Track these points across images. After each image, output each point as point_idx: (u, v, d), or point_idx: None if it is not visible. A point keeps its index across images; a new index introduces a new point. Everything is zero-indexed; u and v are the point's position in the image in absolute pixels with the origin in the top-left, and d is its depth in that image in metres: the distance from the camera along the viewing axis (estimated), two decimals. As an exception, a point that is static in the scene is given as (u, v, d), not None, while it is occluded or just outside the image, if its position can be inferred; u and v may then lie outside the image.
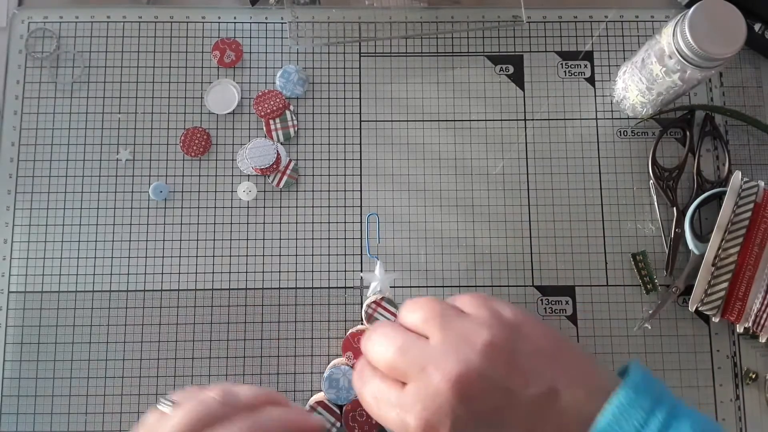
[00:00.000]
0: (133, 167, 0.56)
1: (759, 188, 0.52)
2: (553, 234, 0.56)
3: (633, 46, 0.59)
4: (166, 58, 0.58)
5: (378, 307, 0.51)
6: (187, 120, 0.57)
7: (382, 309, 0.51)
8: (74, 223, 0.55)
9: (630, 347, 0.54)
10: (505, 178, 0.57)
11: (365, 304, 0.51)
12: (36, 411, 0.52)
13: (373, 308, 0.51)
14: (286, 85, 0.57)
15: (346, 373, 0.50)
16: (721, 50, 0.45)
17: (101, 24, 0.58)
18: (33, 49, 0.58)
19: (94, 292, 0.54)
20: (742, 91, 0.58)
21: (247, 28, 0.59)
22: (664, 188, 0.56)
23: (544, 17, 0.59)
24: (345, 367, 0.50)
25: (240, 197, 0.56)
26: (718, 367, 0.54)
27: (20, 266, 0.54)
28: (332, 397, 0.50)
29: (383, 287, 0.52)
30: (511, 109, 0.58)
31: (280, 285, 0.55)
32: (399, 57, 0.58)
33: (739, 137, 0.57)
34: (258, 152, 0.55)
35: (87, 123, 0.57)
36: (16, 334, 0.53)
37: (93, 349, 0.53)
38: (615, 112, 0.58)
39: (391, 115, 0.57)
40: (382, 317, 0.51)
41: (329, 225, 0.56)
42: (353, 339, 0.50)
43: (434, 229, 0.56)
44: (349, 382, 0.50)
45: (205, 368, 0.53)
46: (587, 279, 0.55)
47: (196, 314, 0.54)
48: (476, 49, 0.59)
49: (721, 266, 0.51)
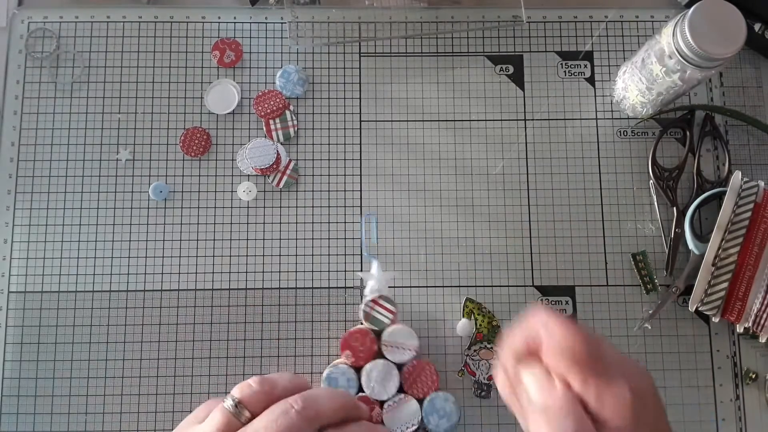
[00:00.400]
0: (133, 167, 0.56)
1: (759, 188, 0.52)
2: (553, 234, 0.56)
3: (633, 46, 0.59)
4: (166, 58, 0.58)
5: (376, 305, 0.51)
6: (187, 120, 0.57)
7: (380, 307, 0.51)
8: (74, 223, 0.55)
9: (630, 347, 0.54)
10: (505, 178, 0.57)
11: (363, 303, 0.51)
12: (36, 411, 0.52)
13: (371, 306, 0.51)
14: (286, 85, 0.57)
15: (345, 372, 0.50)
16: (721, 50, 0.45)
17: (101, 24, 0.58)
18: (33, 49, 0.58)
19: (94, 292, 0.54)
20: (742, 91, 0.58)
21: (247, 28, 0.59)
22: (664, 188, 0.55)
23: (544, 17, 0.59)
24: (344, 366, 0.50)
25: (240, 197, 0.56)
26: (718, 367, 0.54)
27: (20, 266, 0.54)
28: None
29: (381, 286, 0.52)
30: (511, 109, 0.58)
31: (280, 285, 0.55)
32: (399, 57, 0.58)
33: (739, 137, 0.57)
34: (258, 152, 0.55)
35: (87, 123, 0.57)
36: (16, 334, 0.53)
37: (93, 349, 0.53)
38: (615, 112, 0.58)
39: (391, 115, 0.57)
40: (380, 315, 0.51)
41: (329, 225, 0.56)
42: (351, 338, 0.50)
43: (434, 229, 0.56)
44: (347, 381, 0.50)
45: (205, 368, 0.53)
46: (587, 279, 0.55)
47: (196, 314, 0.54)
48: (476, 49, 0.59)
49: (721, 266, 0.51)
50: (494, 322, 0.54)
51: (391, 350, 0.50)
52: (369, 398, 0.50)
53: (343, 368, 0.50)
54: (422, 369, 0.51)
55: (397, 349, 0.50)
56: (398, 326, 0.51)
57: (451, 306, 0.54)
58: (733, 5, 0.45)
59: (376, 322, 0.51)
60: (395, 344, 0.50)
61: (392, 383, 0.50)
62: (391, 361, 0.50)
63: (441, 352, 0.54)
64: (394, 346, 0.50)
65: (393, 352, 0.50)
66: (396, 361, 0.50)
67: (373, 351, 0.50)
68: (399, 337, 0.50)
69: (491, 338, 0.53)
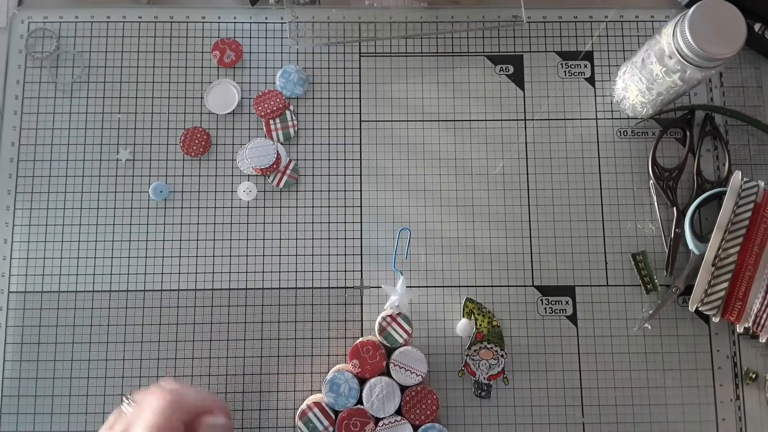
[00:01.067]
0: (133, 167, 0.56)
1: (759, 188, 0.52)
2: (553, 234, 0.56)
3: (633, 46, 0.59)
4: (166, 58, 0.58)
5: (393, 322, 0.50)
6: (187, 120, 0.57)
7: (397, 324, 0.50)
8: (74, 223, 0.55)
9: (630, 347, 0.54)
10: (505, 178, 0.57)
11: (380, 316, 0.51)
12: (36, 411, 0.52)
13: (387, 321, 0.50)
14: (286, 85, 0.57)
15: (348, 380, 0.50)
16: (721, 50, 0.45)
17: (101, 24, 0.58)
18: (33, 49, 0.58)
19: (94, 292, 0.54)
20: (742, 91, 0.58)
21: (247, 28, 0.59)
22: (664, 188, 0.55)
23: (544, 17, 0.59)
24: (348, 374, 0.50)
25: (240, 197, 0.56)
26: (718, 367, 0.54)
27: (20, 266, 0.54)
28: (330, 401, 0.50)
29: (401, 303, 0.51)
30: (511, 109, 0.58)
31: (280, 285, 0.55)
32: (399, 57, 0.58)
33: (739, 137, 0.57)
34: (258, 152, 0.55)
35: (87, 123, 0.57)
36: (16, 334, 0.53)
37: (93, 349, 0.53)
38: (615, 112, 0.58)
39: (391, 115, 0.57)
40: (395, 333, 0.50)
41: (329, 225, 0.56)
42: (362, 347, 0.50)
43: (434, 229, 0.56)
44: (349, 389, 0.50)
45: (205, 368, 0.53)
46: (587, 279, 0.55)
47: (196, 314, 0.54)
48: (476, 49, 0.59)
49: (721, 266, 0.51)
50: (494, 322, 0.54)
51: (399, 371, 0.50)
52: (366, 411, 0.49)
53: (348, 375, 0.50)
54: (425, 395, 0.50)
55: (404, 371, 0.50)
56: (410, 348, 0.50)
57: (451, 306, 0.54)
58: (733, 5, 0.45)
59: (389, 338, 0.50)
60: (404, 365, 0.50)
61: (392, 403, 0.49)
62: (397, 381, 0.50)
63: (441, 352, 0.54)
64: (402, 367, 0.50)
65: (400, 373, 0.50)
66: (401, 382, 0.50)
67: (381, 366, 0.50)
68: (409, 360, 0.50)
69: (491, 338, 0.53)
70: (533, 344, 0.54)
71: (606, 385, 0.53)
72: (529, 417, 0.53)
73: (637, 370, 0.53)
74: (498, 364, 0.53)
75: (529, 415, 0.53)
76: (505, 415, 0.53)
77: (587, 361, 0.54)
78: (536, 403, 0.53)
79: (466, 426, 0.52)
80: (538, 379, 0.53)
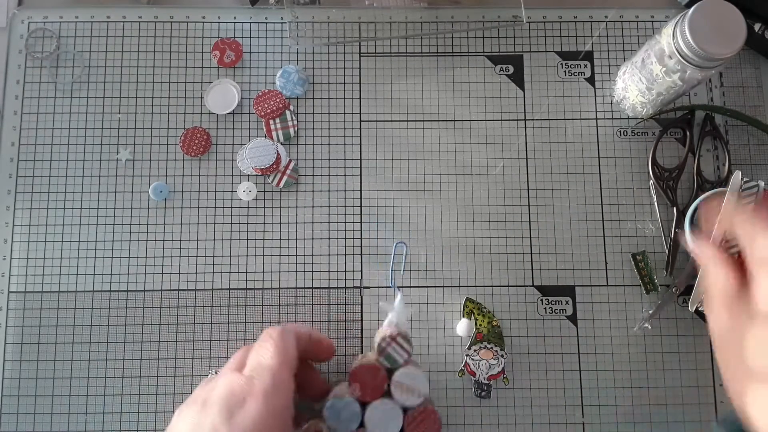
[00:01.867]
0: (133, 167, 0.56)
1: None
2: (553, 234, 0.56)
3: (633, 46, 0.59)
4: (166, 58, 0.58)
5: (392, 342, 0.49)
6: (187, 120, 0.57)
7: (396, 345, 0.49)
8: (74, 223, 0.55)
9: (630, 347, 0.54)
10: (505, 178, 0.57)
11: (379, 336, 0.50)
12: (36, 411, 0.52)
13: (387, 342, 0.49)
14: (286, 85, 0.57)
15: (349, 404, 0.47)
16: (721, 50, 0.45)
17: (101, 24, 0.58)
18: (33, 49, 0.58)
19: (94, 292, 0.54)
20: (742, 91, 0.58)
21: (247, 28, 0.59)
22: (664, 188, 0.56)
23: (544, 17, 0.59)
24: (349, 399, 0.48)
25: (240, 197, 0.56)
26: (719, 367, 0.54)
27: (20, 266, 0.54)
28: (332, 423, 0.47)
29: (399, 320, 0.49)
30: (511, 109, 0.58)
31: (280, 285, 0.55)
32: (399, 57, 0.58)
33: (739, 137, 0.57)
34: (258, 152, 0.55)
35: (87, 123, 0.57)
36: (16, 334, 0.53)
37: (93, 349, 0.53)
38: (615, 112, 0.58)
39: (391, 115, 0.57)
40: (395, 353, 0.49)
41: (329, 225, 0.56)
42: (362, 372, 0.48)
43: (434, 229, 0.56)
44: (350, 415, 0.48)
45: (205, 368, 0.53)
46: (587, 279, 0.55)
47: (196, 314, 0.54)
48: (476, 49, 0.59)
49: (721, 266, 0.51)
50: (494, 322, 0.54)
51: (400, 392, 0.48)
52: None
53: (349, 400, 0.48)
54: (427, 417, 0.48)
55: (405, 392, 0.49)
56: (412, 369, 0.48)
57: (451, 306, 0.54)
58: (733, 5, 0.45)
59: (389, 359, 0.49)
60: (405, 386, 0.48)
61: (394, 424, 0.48)
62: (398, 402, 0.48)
63: (441, 352, 0.54)
64: (403, 387, 0.48)
65: (401, 393, 0.48)
66: (403, 404, 0.48)
67: (382, 389, 0.48)
68: (410, 380, 0.48)
69: (491, 338, 0.53)
70: (533, 344, 0.54)
71: (606, 385, 0.53)
72: (529, 417, 0.53)
73: (637, 370, 0.53)
74: (498, 364, 0.53)
75: (529, 415, 0.53)
76: (505, 415, 0.53)
77: (587, 361, 0.54)
78: (536, 403, 0.53)
79: (466, 426, 0.52)
80: (538, 379, 0.53)
